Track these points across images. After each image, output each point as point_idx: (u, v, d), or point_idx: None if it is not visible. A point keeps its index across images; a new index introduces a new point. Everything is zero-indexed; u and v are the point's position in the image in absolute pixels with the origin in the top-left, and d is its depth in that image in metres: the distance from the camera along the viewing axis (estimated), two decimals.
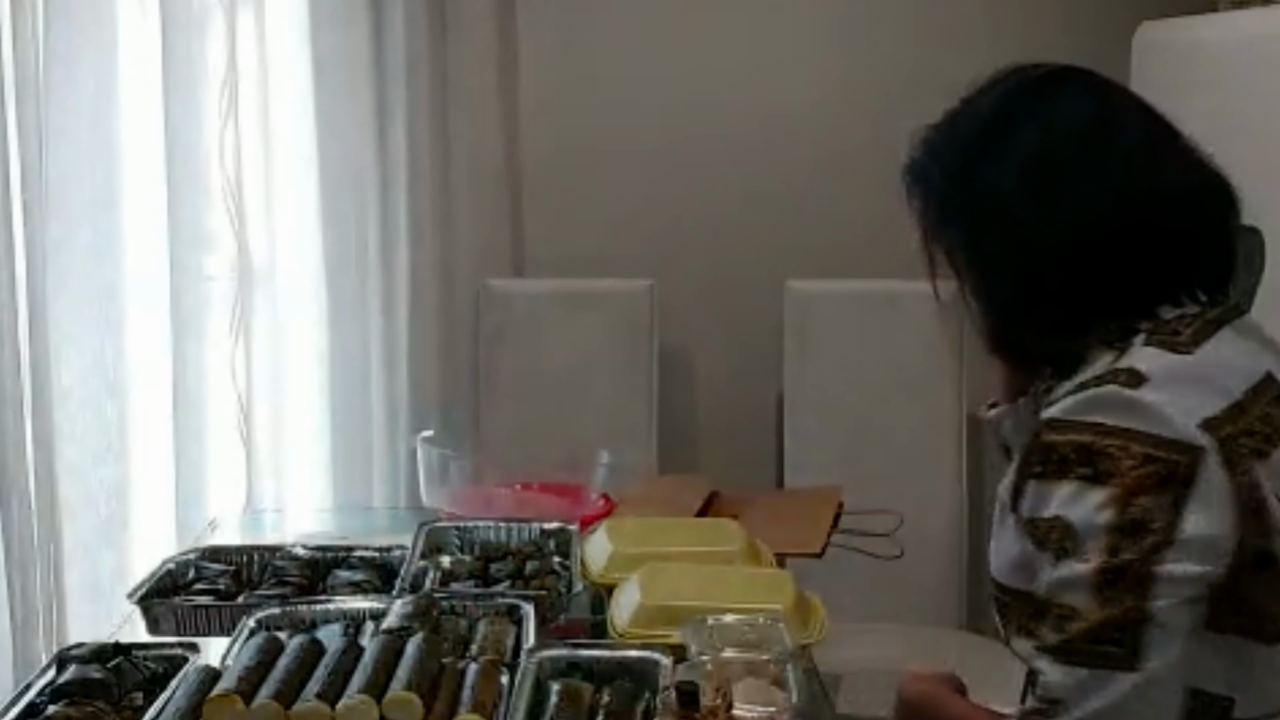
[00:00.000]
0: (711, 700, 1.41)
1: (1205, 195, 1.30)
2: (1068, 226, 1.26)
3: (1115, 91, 1.35)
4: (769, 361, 3.18)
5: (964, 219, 1.34)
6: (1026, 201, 1.28)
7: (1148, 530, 1.13)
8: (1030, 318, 1.30)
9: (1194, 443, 1.15)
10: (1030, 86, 1.34)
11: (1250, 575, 1.16)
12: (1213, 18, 2.67)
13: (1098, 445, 1.16)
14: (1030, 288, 1.29)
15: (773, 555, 2.07)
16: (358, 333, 3.07)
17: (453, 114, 3.05)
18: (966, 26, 3.14)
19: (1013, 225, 1.29)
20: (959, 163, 1.36)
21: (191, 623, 1.80)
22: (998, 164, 1.31)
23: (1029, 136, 1.30)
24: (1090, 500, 1.15)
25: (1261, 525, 1.16)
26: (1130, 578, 1.13)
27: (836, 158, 3.18)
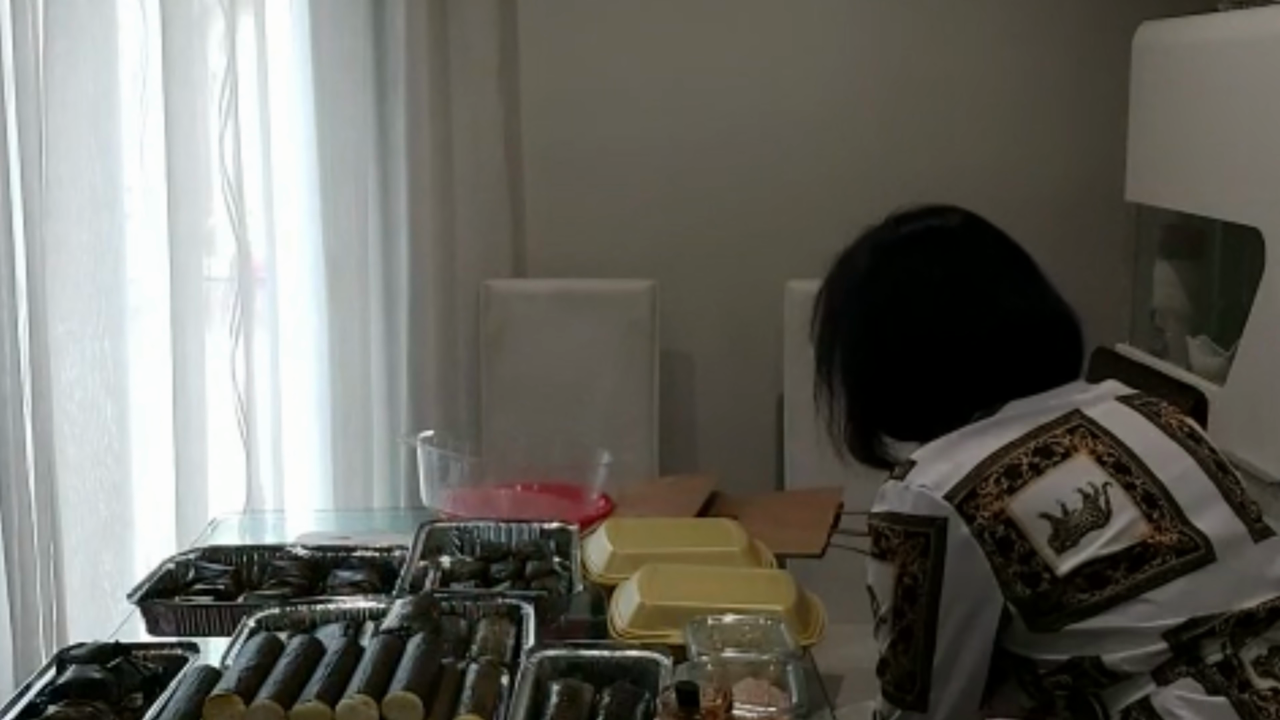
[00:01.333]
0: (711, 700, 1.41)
1: (1035, 330, 1.54)
2: (907, 354, 1.56)
3: (964, 250, 1.63)
4: (769, 362, 3.18)
5: (840, 344, 1.64)
6: (881, 334, 1.59)
7: (919, 593, 1.45)
8: (880, 423, 1.61)
9: (936, 515, 1.43)
10: (895, 246, 1.67)
11: (1034, 586, 1.40)
12: (1213, 18, 2.66)
13: (878, 528, 1.50)
14: (882, 398, 1.60)
15: (773, 555, 2.07)
16: (358, 333, 3.07)
17: (453, 114, 3.05)
18: (967, 28, 3.14)
19: (871, 350, 1.60)
20: (838, 302, 1.67)
21: (191, 623, 1.80)
22: (862, 306, 1.63)
23: (886, 288, 1.61)
24: (880, 572, 1.49)
25: (1019, 549, 1.40)
26: (912, 635, 1.46)
27: (837, 158, 3.18)
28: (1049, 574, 1.39)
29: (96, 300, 2.84)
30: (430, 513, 2.32)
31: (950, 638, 1.44)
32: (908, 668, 1.47)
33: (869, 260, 1.66)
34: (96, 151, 2.81)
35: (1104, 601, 1.38)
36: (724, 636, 1.63)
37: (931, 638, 1.45)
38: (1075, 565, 1.38)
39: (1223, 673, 1.36)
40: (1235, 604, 1.38)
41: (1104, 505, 1.40)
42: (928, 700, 1.45)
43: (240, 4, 2.91)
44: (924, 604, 1.44)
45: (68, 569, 2.85)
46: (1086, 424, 1.46)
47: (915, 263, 1.61)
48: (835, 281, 1.70)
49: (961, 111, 3.14)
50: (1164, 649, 1.37)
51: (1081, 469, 1.42)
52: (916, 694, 1.46)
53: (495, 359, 3.11)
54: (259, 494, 3.00)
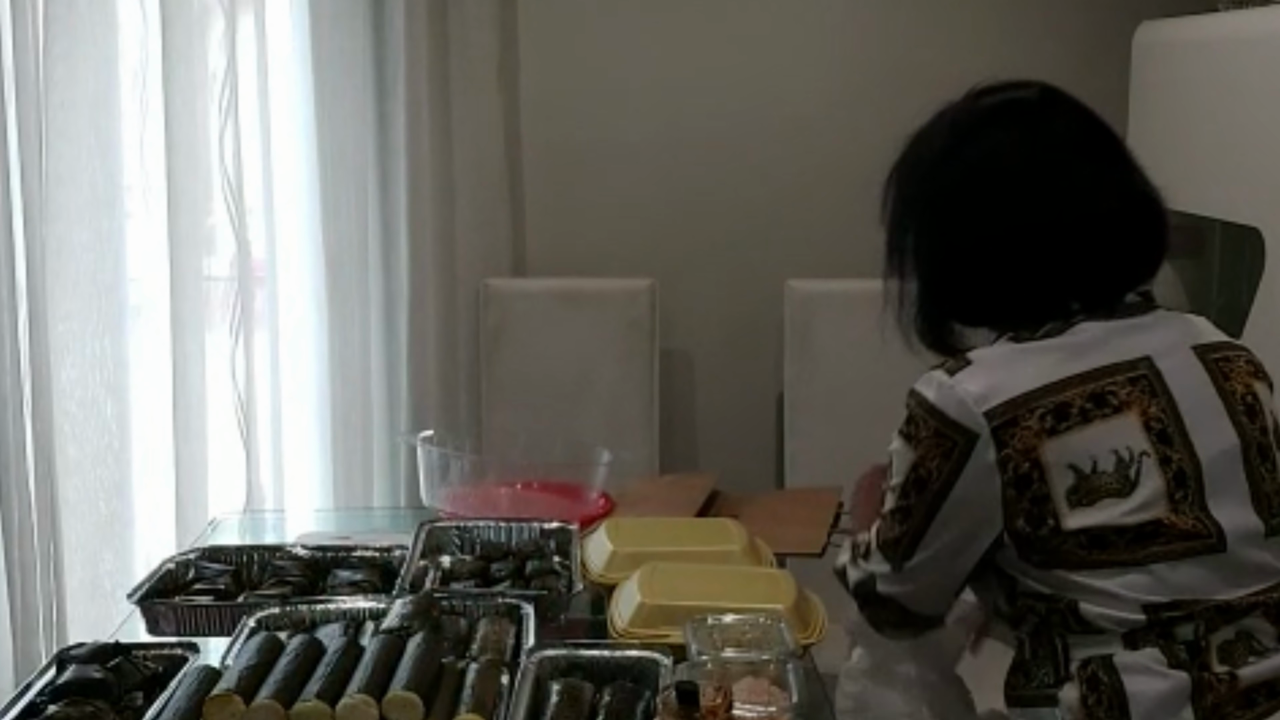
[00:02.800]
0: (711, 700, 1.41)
1: (1115, 220, 1.49)
2: (980, 242, 1.52)
3: (1042, 131, 1.54)
4: (769, 361, 3.18)
5: (913, 228, 1.61)
6: (953, 220, 1.55)
7: (928, 488, 1.47)
8: (951, 311, 1.58)
9: (970, 428, 1.43)
10: (971, 125, 1.59)
11: (1032, 525, 1.42)
12: (1213, 18, 2.67)
13: (913, 412, 1.51)
14: (953, 285, 1.57)
15: (773, 555, 2.07)
16: (358, 332, 3.07)
17: (453, 113, 3.05)
18: (967, 27, 3.14)
19: (943, 236, 1.56)
20: (911, 184, 1.63)
21: (191, 623, 1.79)
22: (935, 189, 1.58)
23: (959, 171, 1.56)
24: (901, 451, 1.52)
25: (1036, 491, 1.41)
26: (909, 516, 1.50)
27: (837, 158, 3.17)
28: (1054, 522, 1.41)
29: (96, 300, 2.84)
30: (430, 512, 2.32)
31: (943, 540, 1.49)
32: (897, 536, 1.52)
33: (944, 140, 1.61)
34: (96, 151, 2.81)
35: (1099, 562, 1.40)
36: (724, 636, 1.63)
37: (924, 529, 1.49)
38: (1083, 525, 1.40)
39: (1188, 651, 1.38)
40: (1222, 593, 1.40)
41: (1133, 476, 1.40)
42: (905, 563, 1.52)
43: (240, 4, 2.91)
44: (929, 500, 1.48)
45: (68, 569, 2.85)
46: (1151, 377, 1.44)
47: (991, 145, 1.56)
48: (909, 160, 1.66)
49: None
50: (1141, 619, 1.39)
51: (1126, 429, 1.41)
52: (899, 556, 1.52)
53: (495, 358, 3.11)
54: (259, 494, 3.00)
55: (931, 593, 1.55)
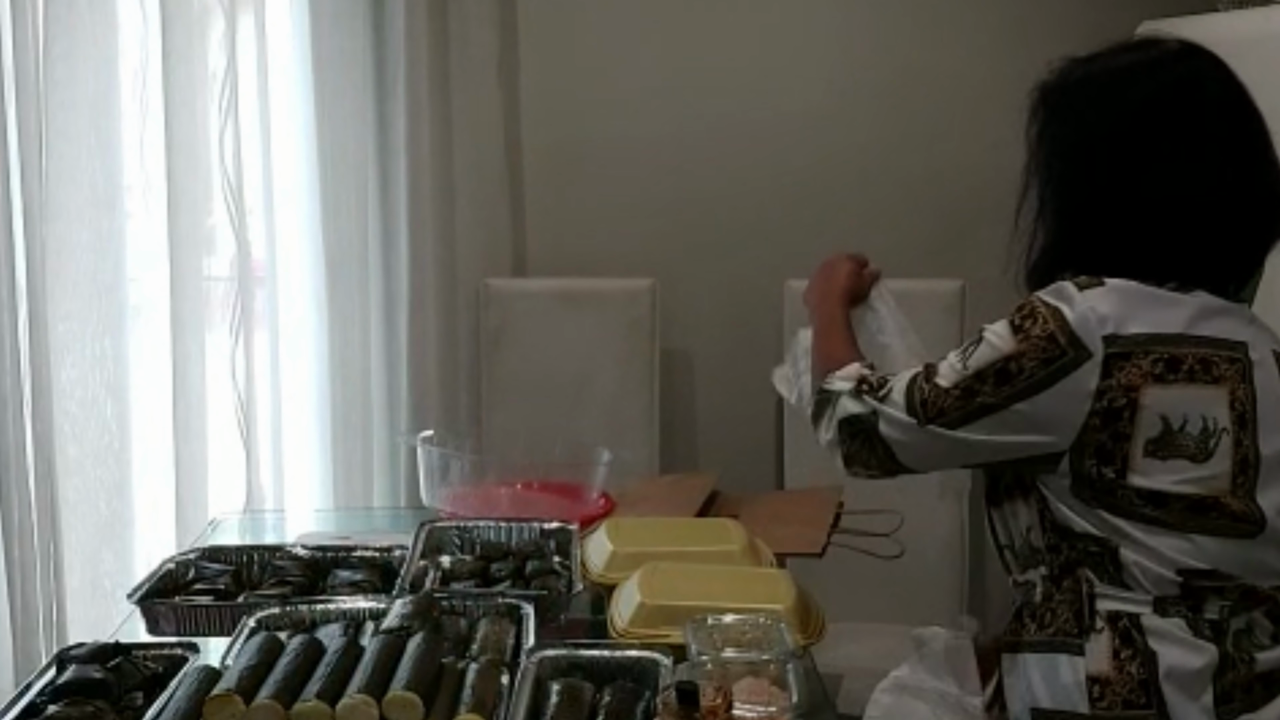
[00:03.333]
0: (711, 700, 1.41)
1: (1257, 199, 1.49)
2: (1138, 189, 1.48)
3: (1207, 107, 1.52)
4: (769, 361, 3.16)
5: (1063, 154, 1.56)
6: (1115, 159, 1.50)
7: (1009, 383, 1.45)
8: (1074, 258, 1.53)
9: (1085, 345, 1.43)
10: (1163, 60, 1.56)
11: (1101, 462, 1.43)
12: (1213, 18, 2.66)
13: (1034, 309, 1.49)
14: (1093, 235, 1.52)
15: (773, 555, 2.07)
16: (358, 332, 3.07)
17: (453, 113, 3.05)
18: (967, 28, 3.14)
19: (1096, 173, 1.51)
20: (1080, 103, 1.55)
21: (191, 623, 1.80)
22: (1109, 116, 1.52)
23: (1137, 98, 1.51)
24: (1001, 337, 1.49)
25: (1118, 429, 1.42)
26: (970, 398, 1.47)
27: (837, 158, 3.18)
28: (1121, 466, 1.43)
29: (96, 300, 2.84)
30: (430, 512, 2.32)
31: (992, 437, 1.47)
32: (943, 406, 1.50)
33: (1113, 85, 1.55)
34: (97, 151, 2.80)
35: (1148, 518, 1.43)
36: (724, 636, 1.63)
37: (979, 417, 1.47)
38: (1147, 484, 1.43)
39: (1212, 628, 1.43)
40: (1250, 578, 1.45)
41: (1210, 446, 1.44)
42: (927, 426, 1.50)
43: (240, 4, 2.91)
44: (1005, 396, 1.46)
45: (68, 569, 2.85)
46: (1245, 364, 1.47)
47: (1165, 98, 1.52)
48: (1071, 93, 1.58)
49: (961, 111, 3.14)
50: (1176, 581, 1.43)
51: (1218, 402, 1.44)
52: (927, 420, 1.50)
53: (495, 358, 3.11)
54: (259, 494, 3.00)
55: (935, 459, 1.55)
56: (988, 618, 3.30)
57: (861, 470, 1.60)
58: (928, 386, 1.51)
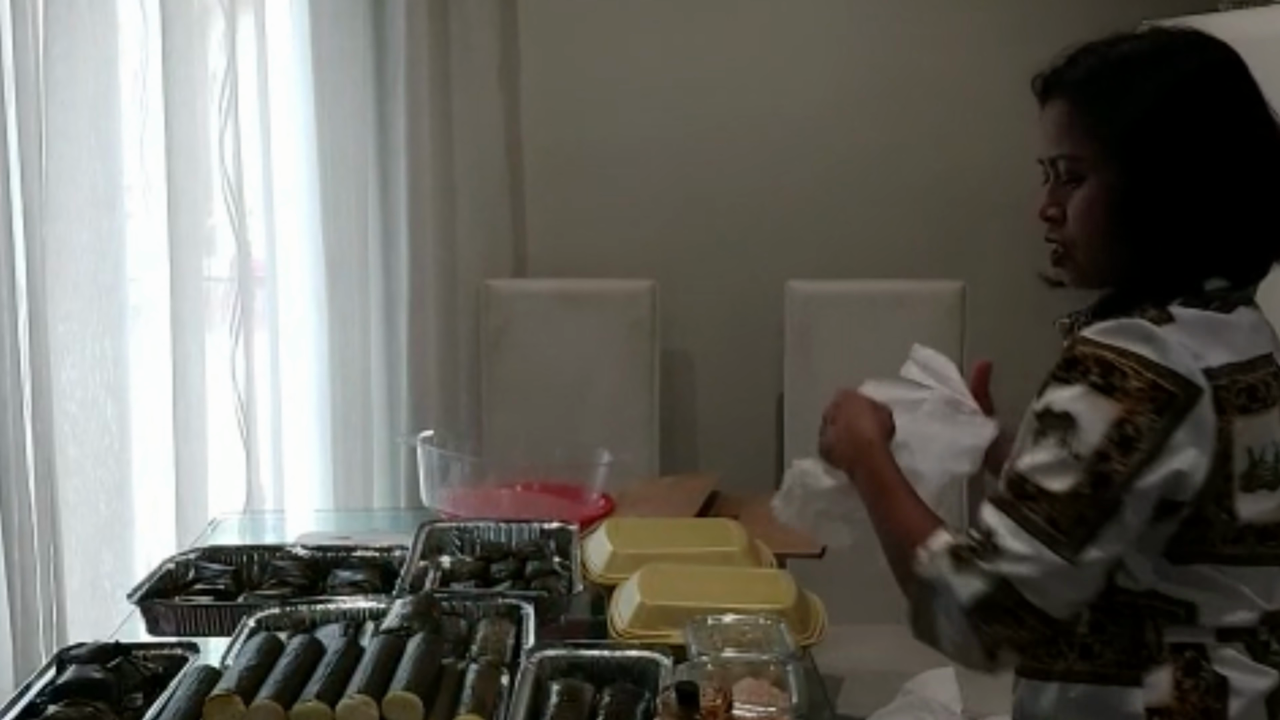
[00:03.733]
0: (711, 700, 1.41)
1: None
2: (1208, 180, 1.36)
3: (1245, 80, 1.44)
4: (769, 361, 3.18)
5: (1120, 147, 1.39)
6: (1180, 148, 1.37)
7: (1136, 447, 1.28)
8: (1148, 257, 1.38)
9: (1195, 381, 1.29)
10: (1193, 38, 1.48)
11: (1216, 505, 1.32)
12: (1213, 18, 2.66)
13: (1114, 362, 1.30)
14: (1162, 229, 1.37)
15: (773, 555, 2.07)
16: (358, 332, 3.07)
17: (453, 114, 3.05)
18: (967, 28, 3.14)
19: (1167, 169, 1.36)
20: (1160, 113, 1.40)
21: (191, 623, 1.80)
22: (1180, 92, 1.40)
23: (1191, 70, 1.42)
24: (1096, 405, 1.29)
25: (1225, 469, 1.31)
26: (1108, 484, 1.28)
27: (837, 159, 3.18)
28: (1229, 503, 1.32)
29: (97, 300, 2.84)
30: (430, 513, 2.32)
31: (1137, 515, 1.29)
32: (1082, 514, 1.28)
33: (1170, 59, 1.45)
34: (97, 151, 2.81)
35: (1242, 557, 1.34)
36: (724, 636, 1.63)
37: (1124, 497, 1.28)
38: (1243, 520, 1.33)
39: (1264, 649, 1.36)
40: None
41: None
42: (1081, 553, 1.28)
43: (240, 4, 2.91)
44: (1136, 461, 1.27)
45: (68, 569, 2.85)
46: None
47: (1221, 86, 1.41)
48: (1120, 72, 1.45)
49: (961, 111, 3.14)
50: (1255, 623, 1.35)
51: (1277, 423, 1.36)
52: (1076, 542, 1.28)
53: (496, 359, 3.11)
54: (259, 494, 3.00)
55: (1097, 577, 1.32)
56: None
57: (1012, 652, 1.35)
58: (1042, 505, 1.30)
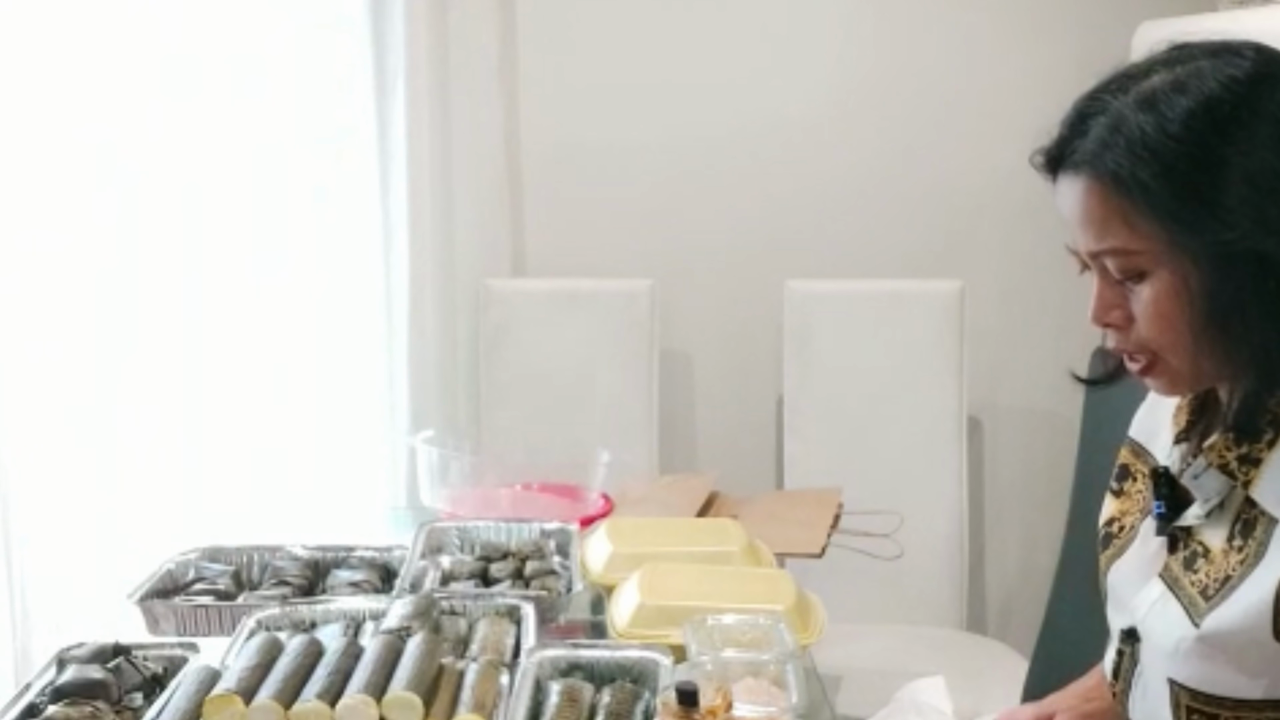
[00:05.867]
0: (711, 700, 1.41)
1: None
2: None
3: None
4: (769, 362, 3.18)
5: (1188, 224, 1.12)
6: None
7: None
8: (1270, 365, 1.14)
9: None
10: (1273, 72, 1.19)
11: None
12: (1213, 17, 2.67)
13: None
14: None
15: (773, 555, 2.07)
16: (356, 332, 3.07)
17: (453, 113, 3.05)
18: (966, 28, 3.14)
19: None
20: (1218, 163, 1.12)
21: (191, 623, 1.80)
22: (1271, 168, 1.11)
23: None
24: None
25: None
26: None
27: (836, 159, 3.18)
28: None
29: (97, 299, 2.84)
30: (430, 513, 2.32)
31: None
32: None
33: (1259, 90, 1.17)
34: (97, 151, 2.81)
35: None
36: (724, 636, 1.63)
37: None
38: None
39: None
40: None
41: None
42: None
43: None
44: None
45: (68, 569, 2.85)
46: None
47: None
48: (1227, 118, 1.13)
49: (961, 111, 3.14)
50: None
51: None
52: None
53: (495, 358, 3.11)
54: (259, 494, 3.00)
55: None
56: (987, 618, 3.31)
57: None
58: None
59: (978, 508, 3.20)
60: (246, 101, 2.92)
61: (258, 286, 3.00)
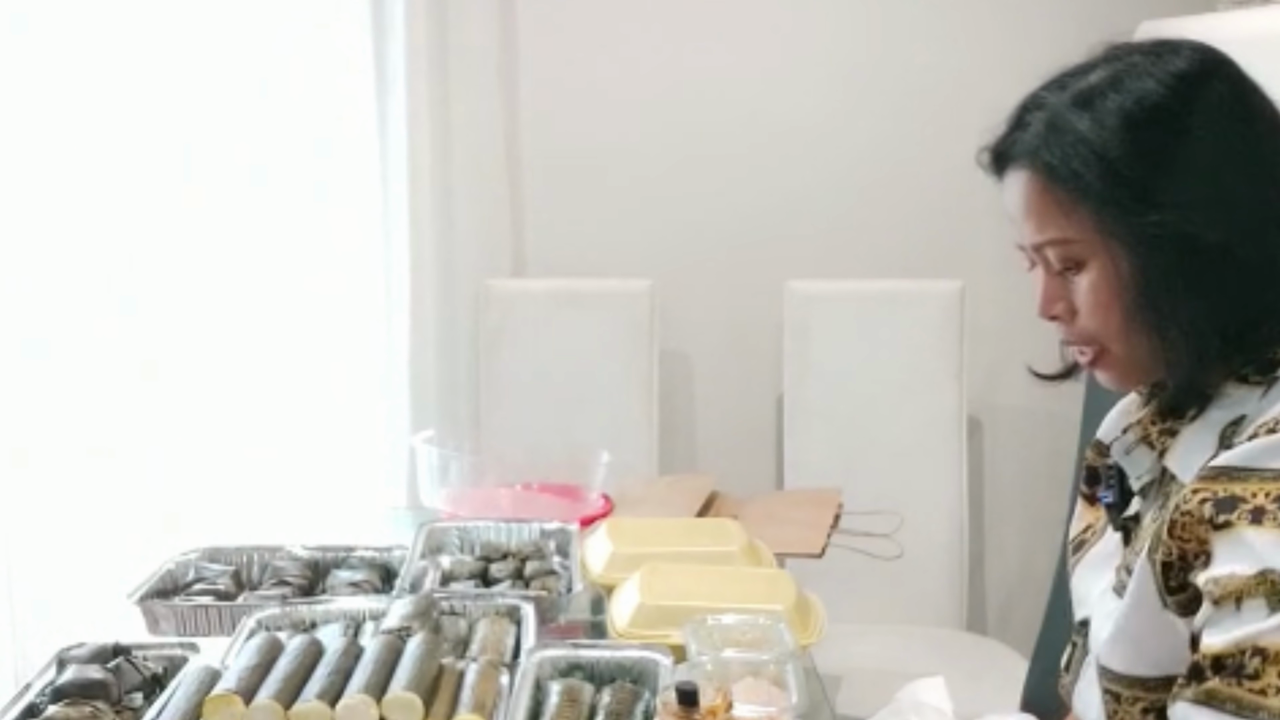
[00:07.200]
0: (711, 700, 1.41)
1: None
2: (1256, 232, 1.14)
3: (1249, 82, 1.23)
4: (769, 362, 3.18)
5: (1116, 212, 1.17)
6: (1217, 205, 1.14)
7: None
8: (1199, 344, 1.16)
9: None
10: (1207, 66, 1.22)
11: None
12: (1213, 18, 2.67)
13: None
14: (1212, 308, 1.15)
15: (773, 555, 2.07)
16: (356, 332, 3.07)
17: (453, 113, 3.05)
18: (966, 28, 3.14)
19: (1205, 232, 1.13)
20: (1149, 153, 1.16)
21: (191, 623, 1.80)
22: (1203, 157, 1.15)
23: (1228, 126, 1.17)
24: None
25: None
26: None
27: (836, 159, 3.18)
28: None
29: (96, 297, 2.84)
30: (430, 512, 2.32)
31: None
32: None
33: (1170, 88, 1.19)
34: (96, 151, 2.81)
35: None
36: (724, 636, 1.63)
37: None
38: None
39: None
40: None
41: None
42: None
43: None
44: None
45: (68, 569, 2.85)
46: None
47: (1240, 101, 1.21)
48: (1114, 137, 1.17)
49: (961, 111, 3.13)
50: None
51: None
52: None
53: (495, 358, 3.11)
54: (259, 494, 3.00)
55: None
56: (987, 618, 3.31)
57: None
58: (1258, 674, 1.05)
59: (978, 508, 3.20)
60: (247, 101, 2.92)
61: (257, 286, 3.00)
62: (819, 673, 1.77)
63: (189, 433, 2.93)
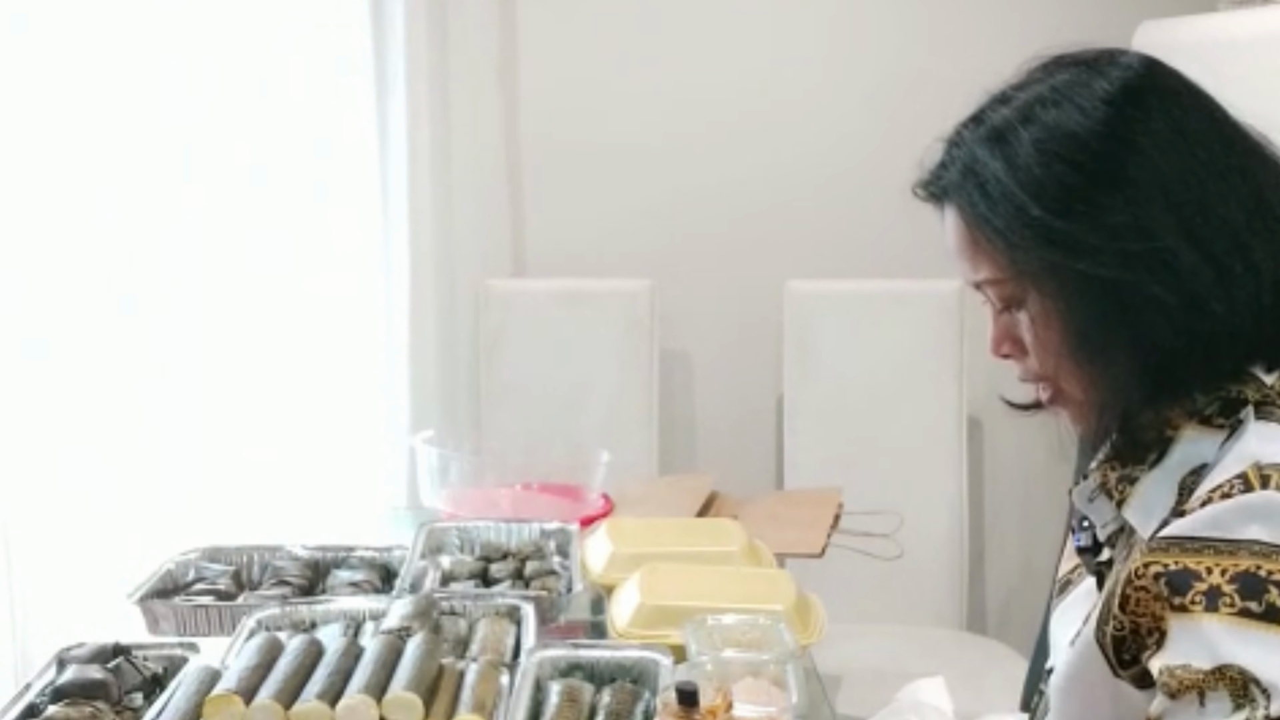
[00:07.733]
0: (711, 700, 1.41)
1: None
2: (1220, 268, 1.05)
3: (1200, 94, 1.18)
4: (769, 362, 3.18)
5: (1037, 246, 1.11)
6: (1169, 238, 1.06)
7: None
8: (1125, 385, 1.09)
9: None
10: (1131, 93, 1.13)
11: None
12: (1213, 18, 2.66)
13: (1266, 571, 0.98)
14: (1138, 349, 1.08)
15: (772, 555, 2.07)
16: (356, 332, 3.07)
17: (453, 114, 3.05)
18: (966, 28, 3.14)
19: (1155, 271, 1.05)
20: (1061, 192, 1.09)
21: (191, 623, 1.80)
22: (1122, 193, 1.07)
23: (1153, 157, 1.08)
24: (1267, 643, 0.96)
25: None
26: None
27: (836, 158, 3.18)
28: None
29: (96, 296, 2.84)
30: (430, 513, 2.32)
31: None
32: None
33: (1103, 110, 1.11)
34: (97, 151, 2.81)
35: None
36: (724, 636, 1.63)
37: None
38: None
39: None
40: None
41: None
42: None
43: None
44: None
45: (68, 569, 2.85)
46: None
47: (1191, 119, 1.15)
48: (1038, 172, 1.10)
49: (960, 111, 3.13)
50: None
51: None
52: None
53: (495, 358, 3.11)
54: (259, 494, 3.00)
55: None
56: (986, 618, 3.31)
57: None
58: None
59: (978, 508, 3.20)
60: (247, 101, 2.92)
61: (257, 287, 3.00)
62: (819, 673, 1.77)
63: (189, 433, 2.93)
